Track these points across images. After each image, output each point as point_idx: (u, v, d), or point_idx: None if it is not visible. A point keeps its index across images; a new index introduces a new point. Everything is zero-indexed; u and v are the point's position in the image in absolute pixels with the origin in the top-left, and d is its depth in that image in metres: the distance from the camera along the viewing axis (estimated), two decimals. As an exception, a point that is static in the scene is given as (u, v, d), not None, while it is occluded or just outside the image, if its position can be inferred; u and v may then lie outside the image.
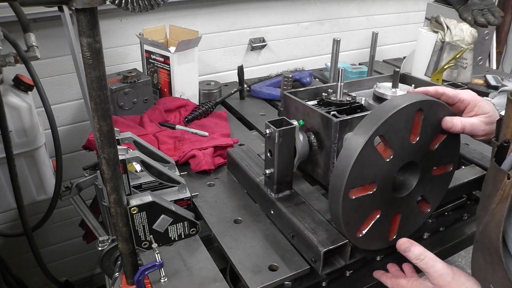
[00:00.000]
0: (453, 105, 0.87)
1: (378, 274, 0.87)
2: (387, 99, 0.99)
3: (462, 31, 1.57)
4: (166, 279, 0.82)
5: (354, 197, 0.75)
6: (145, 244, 0.88)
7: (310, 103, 1.06)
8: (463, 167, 1.14)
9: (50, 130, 1.19)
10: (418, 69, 1.67)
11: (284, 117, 0.92)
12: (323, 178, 1.01)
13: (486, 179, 0.71)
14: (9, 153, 1.11)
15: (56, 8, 0.68)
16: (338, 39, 1.53)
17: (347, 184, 0.72)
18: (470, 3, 1.63)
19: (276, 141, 0.88)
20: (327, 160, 0.96)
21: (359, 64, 2.03)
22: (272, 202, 0.95)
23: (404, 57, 2.04)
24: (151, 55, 1.50)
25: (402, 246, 0.78)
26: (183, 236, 0.93)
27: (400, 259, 0.96)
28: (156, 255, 0.81)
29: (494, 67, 2.57)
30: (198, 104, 1.52)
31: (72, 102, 1.65)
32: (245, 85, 1.68)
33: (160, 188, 1.01)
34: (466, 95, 0.87)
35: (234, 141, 1.26)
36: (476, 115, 0.85)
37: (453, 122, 0.81)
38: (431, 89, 0.87)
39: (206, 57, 1.86)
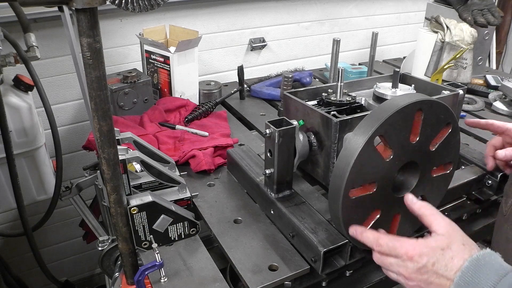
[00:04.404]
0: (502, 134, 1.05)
1: (363, 234, 0.76)
2: (387, 99, 0.99)
3: (462, 31, 1.57)
4: (166, 279, 0.82)
5: (354, 197, 0.75)
6: (145, 244, 0.88)
7: (310, 103, 1.06)
8: (463, 167, 1.14)
9: (50, 130, 1.19)
10: (418, 69, 1.67)
11: (284, 117, 0.92)
12: (323, 178, 1.01)
13: None
14: (9, 153, 1.11)
15: (56, 8, 0.68)
16: (338, 39, 1.53)
17: (347, 184, 0.72)
18: (470, 3, 1.63)
19: (276, 141, 0.88)
20: (327, 160, 0.97)
21: (359, 64, 2.03)
22: (272, 202, 0.95)
23: (404, 57, 2.04)
24: (151, 55, 1.50)
25: (409, 199, 0.77)
26: (183, 236, 0.93)
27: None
28: (156, 255, 0.81)
29: (494, 67, 2.57)
30: (198, 104, 1.52)
31: (72, 102, 1.65)
32: (245, 85, 1.68)
33: (160, 188, 1.01)
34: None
35: (234, 141, 1.27)
36: None
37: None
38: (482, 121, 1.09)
39: (206, 57, 1.86)
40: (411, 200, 0.76)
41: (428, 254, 0.66)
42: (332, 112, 1.01)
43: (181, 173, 1.09)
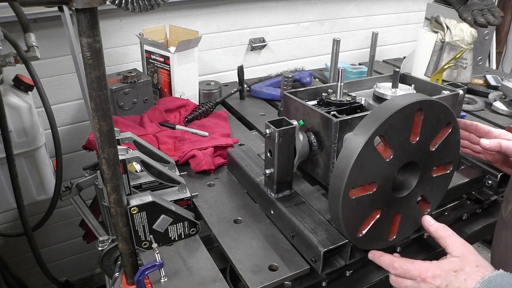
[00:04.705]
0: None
1: (380, 258, 0.80)
2: (387, 99, 0.99)
3: (462, 31, 1.57)
4: (166, 279, 0.82)
5: (354, 197, 0.75)
6: (145, 244, 0.88)
7: (310, 103, 1.06)
8: (463, 167, 1.14)
9: (50, 130, 1.19)
10: (418, 69, 1.67)
11: (284, 117, 0.92)
12: (323, 178, 1.01)
13: None
14: (9, 153, 1.11)
15: (56, 8, 0.68)
16: (338, 39, 1.53)
17: (347, 184, 0.72)
18: (470, 3, 1.63)
19: (276, 141, 0.88)
20: (327, 160, 0.97)
21: (359, 64, 2.03)
22: (272, 202, 0.95)
23: (404, 57, 2.04)
24: (151, 55, 1.50)
25: (426, 221, 0.81)
26: (183, 236, 0.93)
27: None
28: (156, 255, 0.81)
29: (494, 67, 2.57)
30: (198, 104, 1.52)
31: (72, 102, 1.65)
32: (245, 85, 1.68)
33: (160, 188, 1.01)
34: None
35: (234, 141, 1.27)
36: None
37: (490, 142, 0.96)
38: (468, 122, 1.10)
39: (206, 57, 1.86)
40: (428, 222, 0.79)
41: (441, 276, 0.68)
42: (332, 112, 1.01)
43: (181, 173, 1.09)
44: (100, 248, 1.04)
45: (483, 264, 0.68)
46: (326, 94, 1.08)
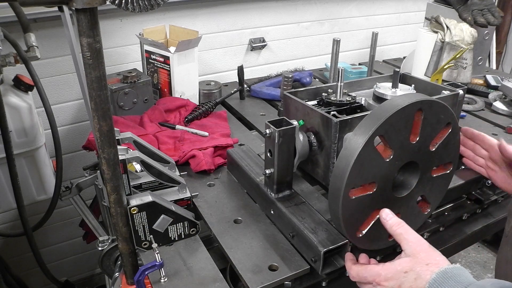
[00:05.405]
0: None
1: (348, 257, 0.83)
2: (387, 99, 0.99)
3: (462, 31, 1.57)
4: (166, 279, 0.82)
5: (354, 197, 0.75)
6: (145, 244, 0.88)
7: (310, 103, 1.06)
8: (463, 167, 1.14)
9: (50, 130, 1.19)
10: (418, 69, 1.67)
11: (284, 117, 0.92)
12: (323, 178, 1.01)
13: None
14: (9, 153, 1.11)
15: (56, 8, 0.68)
16: (338, 39, 1.52)
17: (347, 184, 0.72)
18: (470, 3, 1.63)
19: (276, 141, 0.88)
20: (327, 160, 0.97)
21: (359, 64, 2.03)
22: (272, 202, 0.95)
23: (404, 57, 2.04)
24: (151, 55, 1.50)
25: (384, 213, 0.76)
26: (183, 236, 0.93)
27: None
28: (156, 255, 0.81)
29: (494, 67, 2.58)
30: (198, 104, 1.52)
31: (72, 102, 1.65)
32: (245, 85, 1.68)
33: (160, 188, 1.01)
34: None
35: (234, 141, 1.27)
36: None
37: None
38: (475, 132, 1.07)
39: (206, 57, 1.86)
40: (385, 217, 0.76)
41: (393, 278, 0.70)
42: (332, 112, 1.01)
43: (181, 173, 1.09)
44: (100, 248, 1.04)
45: (434, 261, 0.68)
46: (326, 94, 1.08)
